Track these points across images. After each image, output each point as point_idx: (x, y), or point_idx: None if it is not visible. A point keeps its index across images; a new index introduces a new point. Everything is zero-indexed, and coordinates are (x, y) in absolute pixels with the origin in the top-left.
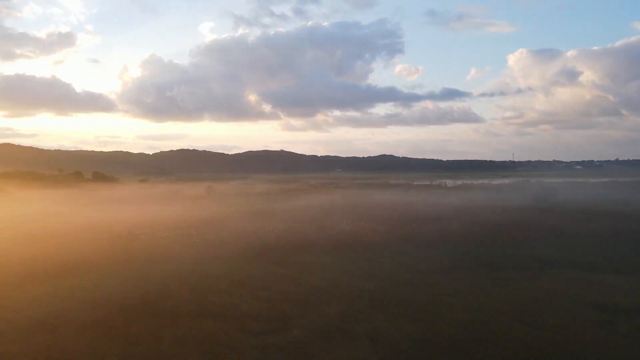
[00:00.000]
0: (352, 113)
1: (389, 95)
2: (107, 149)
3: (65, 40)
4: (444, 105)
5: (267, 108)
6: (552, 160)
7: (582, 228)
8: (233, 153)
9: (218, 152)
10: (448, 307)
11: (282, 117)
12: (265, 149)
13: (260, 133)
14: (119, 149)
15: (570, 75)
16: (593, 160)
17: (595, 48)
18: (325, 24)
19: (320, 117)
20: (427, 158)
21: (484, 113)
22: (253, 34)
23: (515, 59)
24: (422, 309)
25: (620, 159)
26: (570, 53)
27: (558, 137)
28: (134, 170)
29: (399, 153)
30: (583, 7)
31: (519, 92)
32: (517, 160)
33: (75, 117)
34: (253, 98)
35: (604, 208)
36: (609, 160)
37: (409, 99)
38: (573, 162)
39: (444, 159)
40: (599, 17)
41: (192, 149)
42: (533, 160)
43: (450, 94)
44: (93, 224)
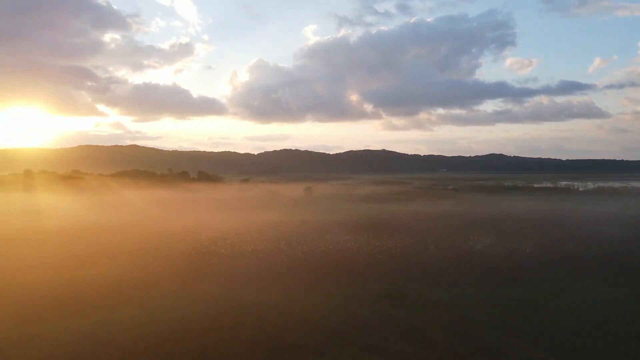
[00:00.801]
0: (456, 111)
1: (498, 91)
2: (217, 150)
3: (185, 50)
4: (561, 100)
5: (368, 107)
6: None
7: None
8: (334, 153)
9: (320, 152)
10: None
11: (383, 116)
12: (367, 149)
13: (362, 133)
14: (228, 150)
15: None
16: None
17: None
18: (429, 20)
19: (423, 115)
20: (542, 157)
21: (610, 107)
22: (355, 34)
23: None
24: None
25: None
26: None
27: None
28: (240, 170)
29: (509, 152)
30: None
31: None
32: None
33: (192, 120)
34: (354, 98)
35: None
36: None
37: (521, 94)
38: None
39: (563, 159)
40: None
41: (294, 149)
42: None
43: (569, 87)
44: (181, 231)
